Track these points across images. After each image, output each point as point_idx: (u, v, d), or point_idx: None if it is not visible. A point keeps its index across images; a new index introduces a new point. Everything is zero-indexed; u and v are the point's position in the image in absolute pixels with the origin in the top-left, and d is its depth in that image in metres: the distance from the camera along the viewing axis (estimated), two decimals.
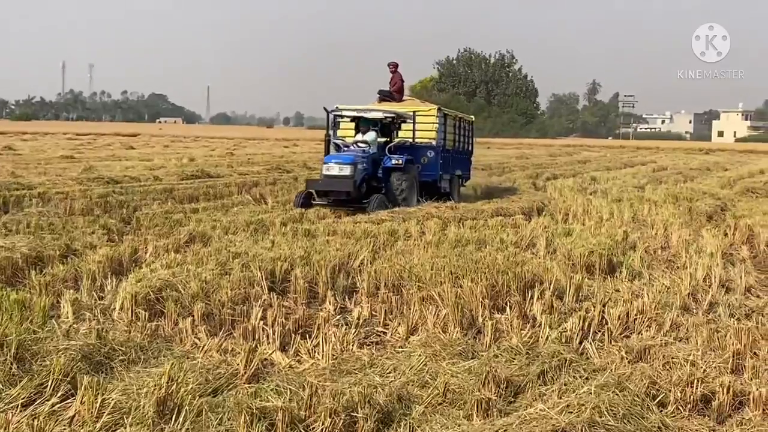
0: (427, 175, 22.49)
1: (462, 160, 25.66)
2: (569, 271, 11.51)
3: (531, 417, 5.97)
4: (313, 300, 10.18)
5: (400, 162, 20.62)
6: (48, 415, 6.13)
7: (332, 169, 19.70)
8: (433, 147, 22.83)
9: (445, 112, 24.00)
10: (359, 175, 19.72)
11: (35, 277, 10.11)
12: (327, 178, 19.82)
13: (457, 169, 24.81)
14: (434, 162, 22.73)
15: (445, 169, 23.38)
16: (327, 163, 20.11)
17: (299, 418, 6.04)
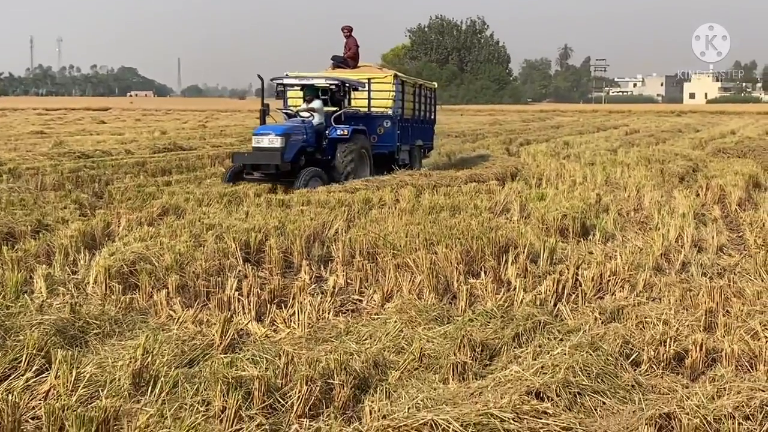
0: (383, 146, 21.23)
1: (424, 129, 24.22)
2: (543, 235, 11.57)
3: (506, 379, 6.01)
4: (288, 270, 10.18)
5: (345, 132, 19.08)
6: (23, 389, 6.10)
7: (262, 141, 18.16)
8: (389, 116, 21.43)
9: (402, 78, 22.43)
10: (292, 147, 18.08)
11: (7, 253, 10.03)
12: (256, 150, 18.32)
13: (417, 139, 23.50)
14: (391, 132, 21.38)
15: (403, 140, 22.15)
16: (256, 134, 18.60)
17: (275, 387, 6.05)
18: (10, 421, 5.45)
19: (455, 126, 48.52)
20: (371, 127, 20.80)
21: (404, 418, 4.84)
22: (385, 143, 21.24)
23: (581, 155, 26.27)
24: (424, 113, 24.25)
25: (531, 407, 4.98)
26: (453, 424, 4.68)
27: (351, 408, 5.95)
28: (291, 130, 18.37)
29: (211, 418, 5.67)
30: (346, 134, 19.03)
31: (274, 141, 17.81)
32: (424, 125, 24.30)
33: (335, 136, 19.05)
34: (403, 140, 22.12)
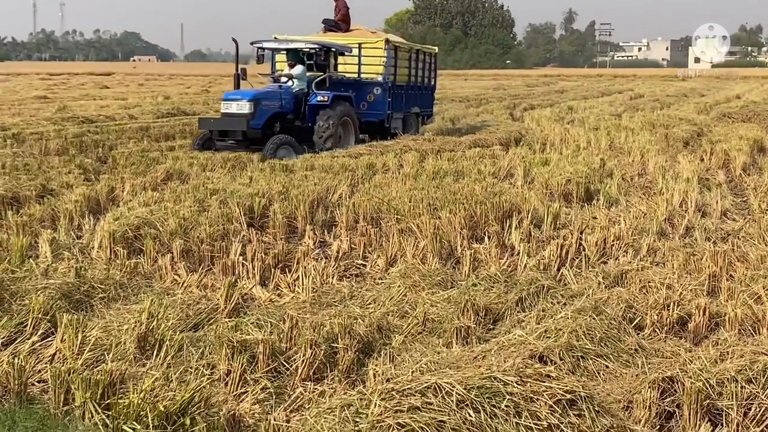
0: (373, 114, 20.46)
1: (422, 96, 23.29)
2: (547, 200, 11.58)
3: (509, 343, 6.03)
4: (292, 235, 10.20)
5: (325, 99, 18.25)
6: (29, 353, 6.15)
7: (230, 106, 17.52)
8: (379, 83, 20.47)
9: (395, 43, 21.30)
10: (263, 113, 17.48)
11: (12, 218, 10.06)
12: (224, 116, 17.69)
13: (414, 106, 22.57)
14: (381, 100, 20.46)
15: (396, 108, 21.20)
16: (225, 99, 17.97)
17: (280, 350, 6.08)
18: (17, 384, 5.51)
19: (459, 91, 48.37)
20: (361, 94, 20.17)
21: (408, 382, 4.85)
22: (375, 111, 20.48)
23: (585, 120, 26.20)
24: (423, 79, 23.30)
25: (534, 371, 4.99)
26: (456, 388, 4.70)
27: (355, 372, 5.99)
28: (261, 95, 17.79)
29: (216, 381, 5.71)
30: (326, 101, 18.24)
31: (242, 106, 17.27)
32: (422, 92, 23.43)
33: (315, 102, 18.34)
34: (396, 108, 21.22)
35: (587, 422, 4.73)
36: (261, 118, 17.41)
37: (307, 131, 18.20)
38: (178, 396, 5.03)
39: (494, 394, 4.74)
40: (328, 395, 5.50)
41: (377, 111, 20.53)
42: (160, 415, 4.86)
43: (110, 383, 5.23)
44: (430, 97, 24.47)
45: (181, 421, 4.88)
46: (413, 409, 4.61)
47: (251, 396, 5.57)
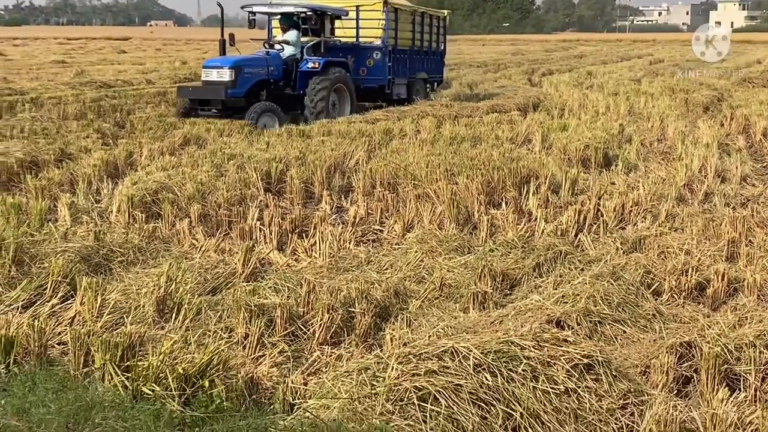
0: (372, 80, 19.77)
1: (429, 61, 22.61)
2: (565, 166, 11.53)
3: (526, 308, 6.03)
4: (309, 200, 10.20)
5: (316, 65, 17.47)
6: (48, 316, 6.20)
7: (210, 74, 16.81)
8: (378, 47, 19.77)
9: (395, 5, 20.30)
10: (245, 81, 16.70)
11: (31, 182, 10.10)
12: (205, 84, 16.99)
13: (420, 71, 21.93)
14: (381, 65, 19.73)
15: (398, 73, 20.53)
16: (206, 67, 17.25)
17: (297, 314, 6.11)
18: (37, 347, 5.55)
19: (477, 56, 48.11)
20: (360, 59, 19.57)
21: (425, 346, 4.87)
22: (374, 76, 19.81)
23: (604, 85, 26.02)
24: (429, 43, 22.59)
25: (551, 335, 4.99)
26: (473, 352, 4.71)
27: (372, 336, 6.01)
28: (244, 62, 17.06)
29: (234, 345, 5.74)
30: (317, 67, 17.48)
31: (222, 74, 16.56)
32: (430, 57, 22.70)
33: (305, 69, 17.57)
34: (398, 73, 20.56)
35: (604, 386, 4.74)
36: (243, 86, 16.69)
37: (298, 99, 17.56)
38: (197, 358, 5.06)
39: (511, 358, 4.75)
40: (345, 359, 5.52)
41: (377, 76, 19.85)
42: (179, 377, 4.89)
43: (129, 346, 5.27)
44: (440, 63, 23.71)
45: (200, 383, 4.91)
46: (430, 373, 4.63)
47: (269, 359, 5.60)
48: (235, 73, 16.50)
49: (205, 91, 16.88)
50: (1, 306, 6.35)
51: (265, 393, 5.18)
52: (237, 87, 16.52)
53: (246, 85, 16.70)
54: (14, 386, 5.16)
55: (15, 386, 5.16)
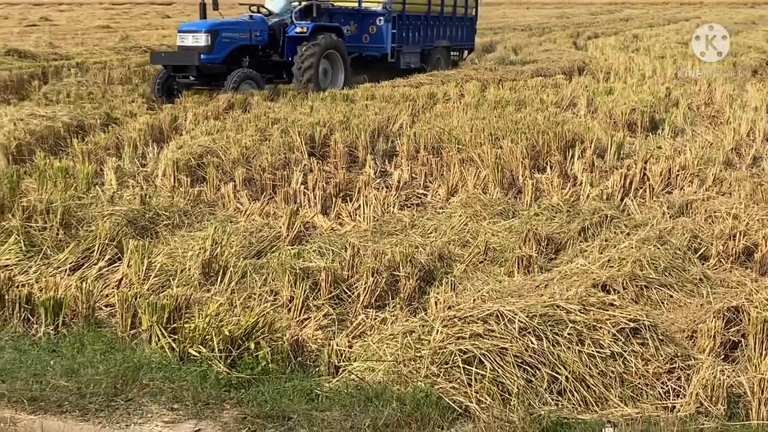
0: (374, 47, 18.58)
1: (455, 28, 21.18)
2: (610, 130, 11.39)
3: (572, 272, 6.00)
4: (353, 164, 10.19)
5: (304, 30, 16.28)
6: (96, 278, 6.28)
7: (185, 38, 15.68)
8: (379, 13, 18.44)
9: None
10: (223, 46, 15.59)
11: (77, 146, 10.20)
12: (180, 50, 15.84)
13: (441, 39, 20.60)
14: (384, 31, 18.44)
15: (406, 41, 19.21)
16: (181, 31, 16.10)
17: (342, 278, 6.12)
18: (85, 308, 5.63)
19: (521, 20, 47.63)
20: (363, 26, 18.44)
21: (470, 309, 4.86)
22: (376, 44, 18.59)
23: (651, 48, 25.62)
24: (454, 9, 21.08)
25: (597, 299, 4.96)
26: (519, 315, 4.70)
27: (416, 299, 6.01)
28: (222, 26, 15.85)
29: (279, 308, 5.78)
30: (305, 32, 16.27)
31: (198, 39, 15.46)
32: (455, 23, 21.23)
33: (293, 34, 16.44)
34: (406, 41, 19.25)
35: (651, 351, 4.71)
36: (221, 51, 15.60)
37: (286, 67, 16.52)
38: (243, 321, 5.10)
39: (557, 321, 4.74)
40: (389, 322, 5.53)
41: (379, 44, 18.61)
42: (225, 339, 4.94)
43: (176, 308, 5.32)
44: (470, 29, 22.16)
45: (246, 345, 4.96)
46: (475, 336, 4.63)
47: (314, 322, 5.64)
48: (211, 37, 15.42)
49: (179, 56, 15.79)
50: (50, 268, 6.44)
51: (310, 355, 5.21)
52: (214, 52, 15.48)
53: (224, 51, 15.67)
54: (63, 347, 5.25)
55: (64, 347, 5.24)
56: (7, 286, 5.71)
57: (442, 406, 4.37)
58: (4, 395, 4.53)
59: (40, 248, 6.70)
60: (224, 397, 4.60)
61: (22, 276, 6.29)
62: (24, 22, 36.08)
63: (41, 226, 7.02)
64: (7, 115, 11.91)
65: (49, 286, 5.86)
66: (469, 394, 4.43)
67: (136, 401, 4.56)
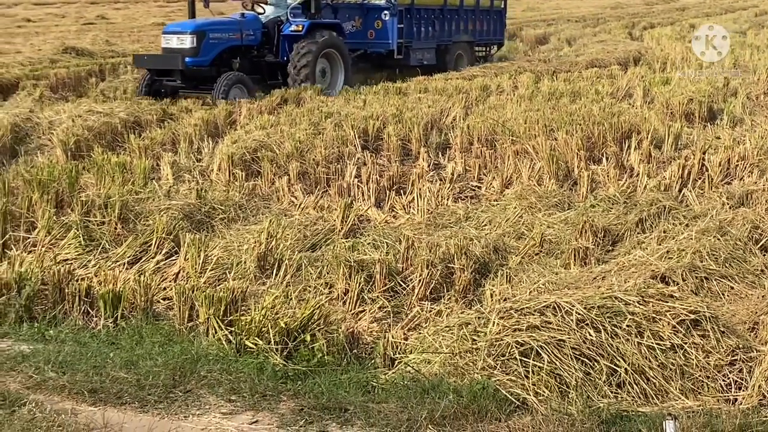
0: (379, 44, 17.42)
1: (479, 21, 20.01)
2: (668, 120, 11.23)
3: (630, 263, 5.92)
4: (406, 157, 10.17)
5: (299, 28, 15.21)
6: (154, 271, 6.34)
7: (170, 40, 14.62)
8: (384, 6, 17.32)
9: None
10: (211, 47, 14.52)
11: (134, 141, 10.31)
12: (165, 52, 14.80)
13: (462, 34, 19.42)
14: (389, 27, 17.25)
15: (416, 35, 18.09)
16: (165, 33, 15.08)
17: (396, 270, 6.11)
18: (143, 301, 5.68)
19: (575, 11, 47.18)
20: (368, 21, 17.34)
21: (526, 301, 4.83)
22: (381, 40, 17.40)
23: None
24: (477, 1, 19.93)
25: (656, 291, 4.89)
26: (576, 307, 4.65)
27: (471, 291, 5.97)
28: (209, 26, 14.79)
29: (334, 300, 5.79)
30: (301, 30, 15.21)
31: (183, 40, 14.39)
32: (478, 16, 20.06)
33: (288, 32, 15.37)
34: (416, 36, 18.12)
35: (711, 342, 4.63)
36: (208, 53, 14.51)
37: (282, 68, 15.44)
38: (298, 313, 5.11)
39: (615, 313, 4.68)
40: (444, 314, 5.50)
41: (383, 40, 17.41)
42: (281, 331, 4.95)
43: (232, 300, 5.35)
44: (497, 23, 20.90)
45: (302, 338, 4.97)
46: (532, 328, 4.59)
47: (369, 314, 5.64)
48: (197, 38, 14.33)
49: (163, 59, 14.71)
50: (109, 262, 6.52)
51: (366, 348, 5.21)
52: (200, 55, 14.36)
53: (211, 53, 14.57)
54: (122, 339, 5.31)
55: (123, 339, 5.30)
56: (67, 279, 5.79)
57: (499, 398, 4.34)
58: (65, 387, 4.59)
59: (99, 242, 6.79)
60: (281, 389, 4.61)
61: (82, 270, 6.37)
62: (81, 20, 36.54)
63: (100, 220, 7.11)
64: (65, 111, 12.07)
65: (108, 279, 5.93)
66: (527, 387, 4.39)
67: (194, 393, 4.60)
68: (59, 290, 5.75)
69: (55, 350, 5.09)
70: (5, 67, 17.19)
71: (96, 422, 4.26)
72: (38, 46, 21.96)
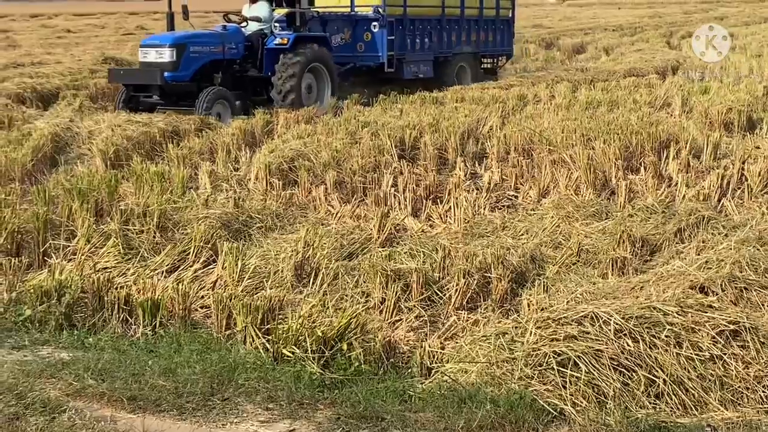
0: (369, 57, 16.49)
1: (483, 32, 19.03)
2: (706, 130, 11.14)
3: (668, 273, 5.87)
4: (442, 166, 10.17)
5: (284, 41, 14.44)
6: (192, 279, 6.38)
7: (148, 54, 13.88)
8: (372, 18, 16.34)
9: None
10: (191, 61, 13.78)
11: (173, 150, 10.41)
12: (142, 66, 14.05)
13: (464, 45, 18.44)
14: (379, 39, 16.29)
15: (410, 47, 17.09)
16: (143, 45, 14.29)
17: (433, 280, 6.10)
18: (181, 309, 5.73)
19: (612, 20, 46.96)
20: (357, 33, 16.46)
21: (564, 311, 4.81)
22: (370, 53, 16.46)
23: (747, 47, 25.01)
24: (480, 10, 18.89)
25: (695, 301, 4.86)
26: (614, 317, 4.62)
27: (508, 301, 5.97)
28: (189, 39, 14.08)
29: (371, 309, 5.79)
30: (286, 43, 14.43)
31: (162, 54, 13.64)
32: (482, 26, 19.05)
33: (272, 46, 14.60)
34: (410, 48, 17.10)
35: (752, 353, 4.59)
36: (189, 67, 13.77)
37: (266, 82, 14.63)
38: (335, 322, 5.12)
39: (653, 323, 4.65)
40: (481, 324, 5.49)
41: (373, 53, 16.46)
42: (318, 339, 4.97)
43: (269, 309, 5.38)
44: (504, 33, 19.84)
45: (339, 346, 4.98)
46: (569, 338, 4.57)
47: (405, 323, 5.63)
48: (176, 52, 13.60)
49: (140, 74, 14.06)
50: (147, 270, 6.57)
51: (403, 357, 5.21)
52: (180, 69, 13.65)
53: (192, 67, 13.83)
54: (161, 347, 5.35)
55: (161, 347, 5.34)
56: (106, 287, 5.85)
57: (536, 409, 4.32)
58: (105, 394, 4.63)
59: (138, 250, 6.85)
60: (318, 398, 4.63)
61: (121, 278, 6.43)
62: (120, 31, 36.92)
63: (138, 229, 7.17)
64: (105, 121, 12.20)
65: (146, 287, 5.98)
66: (564, 397, 4.37)
67: (232, 401, 4.62)
68: (99, 298, 5.80)
69: (95, 358, 5.14)
70: (46, 77, 17.39)
71: (135, 429, 4.30)
72: (78, 57, 22.22)
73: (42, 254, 6.98)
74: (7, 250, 6.96)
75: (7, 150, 10.31)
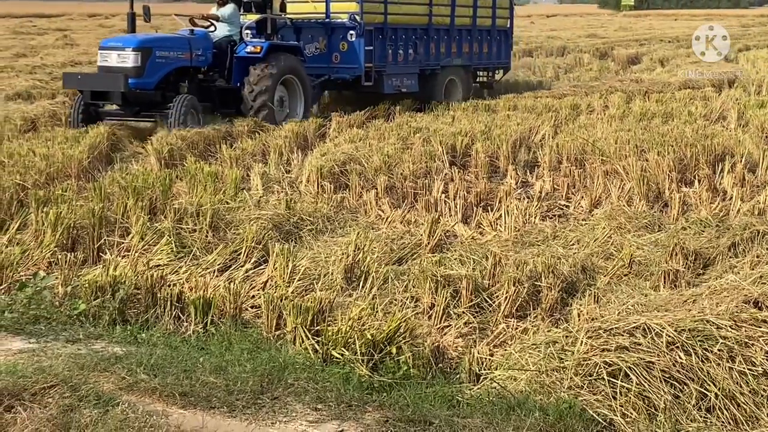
0: (345, 69, 15.19)
1: (477, 43, 17.70)
2: (763, 144, 11.00)
3: (721, 287, 5.78)
4: (493, 174, 10.16)
5: (257, 49, 13.44)
6: (243, 279, 6.44)
7: (109, 57, 12.68)
8: (349, 26, 15.04)
9: None
10: (157, 68, 12.70)
11: (226, 152, 10.52)
12: (102, 71, 12.81)
13: (454, 57, 17.05)
14: (357, 49, 14.96)
15: (391, 59, 15.70)
16: (103, 47, 13.03)
17: (483, 287, 6.09)
18: (232, 308, 5.78)
19: (668, 31, 46.56)
20: (333, 43, 15.17)
21: (615, 321, 4.77)
22: (348, 65, 15.16)
23: None
24: (473, 19, 17.53)
25: (750, 315, 4.79)
26: (666, 329, 4.58)
27: (558, 311, 5.93)
28: (155, 42, 13.05)
29: (420, 314, 5.80)
30: (258, 51, 13.44)
31: (125, 58, 12.51)
32: (476, 37, 17.69)
33: (243, 54, 13.60)
34: (392, 59, 15.75)
35: None
36: (154, 74, 12.68)
37: (234, 93, 13.50)
38: (384, 326, 5.13)
39: (706, 337, 4.60)
40: (531, 332, 5.47)
41: (349, 65, 15.16)
42: (367, 342, 4.98)
43: (319, 310, 5.40)
44: (502, 45, 18.56)
45: (387, 350, 4.99)
46: (621, 349, 4.54)
47: (454, 329, 5.63)
48: (141, 56, 12.50)
49: (99, 80, 12.80)
50: (199, 269, 6.63)
51: (451, 362, 5.21)
52: (144, 75, 12.57)
53: (158, 74, 12.75)
54: (212, 345, 5.40)
55: (212, 345, 5.39)
56: (159, 284, 5.92)
57: (585, 418, 4.29)
58: (156, 389, 4.68)
59: (190, 249, 6.92)
60: (366, 400, 4.64)
61: (173, 275, 6.49)
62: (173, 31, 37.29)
63: (191, 227, 7.26)
64: None
65: (198, 285, 6.04)
66: (614, 407, 4.34)
67: (282, 400, 4.65)
68: (152, 295, 5.87)
69: (147, 353, 5.20)
70: None
71: (185, 425, 4.34)
72: None
73: (97, 250, 7.08)
74: (63, 245, 7.06)
75: (64, 147, 10.49)
